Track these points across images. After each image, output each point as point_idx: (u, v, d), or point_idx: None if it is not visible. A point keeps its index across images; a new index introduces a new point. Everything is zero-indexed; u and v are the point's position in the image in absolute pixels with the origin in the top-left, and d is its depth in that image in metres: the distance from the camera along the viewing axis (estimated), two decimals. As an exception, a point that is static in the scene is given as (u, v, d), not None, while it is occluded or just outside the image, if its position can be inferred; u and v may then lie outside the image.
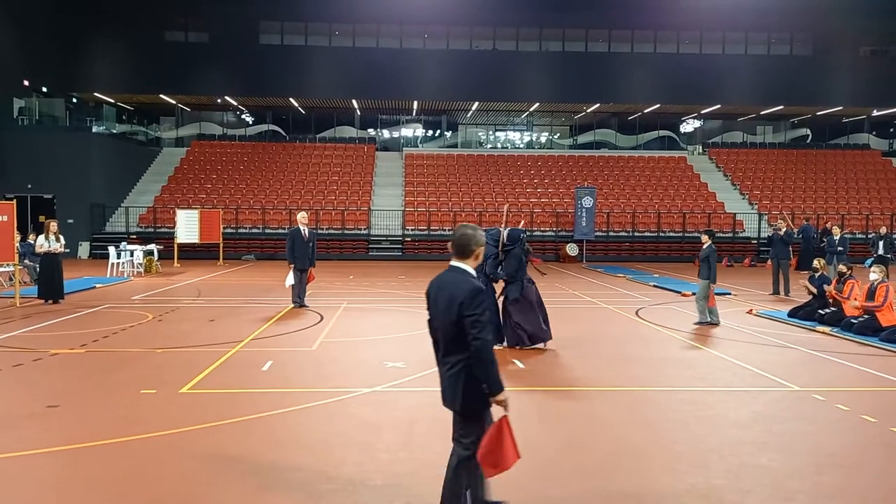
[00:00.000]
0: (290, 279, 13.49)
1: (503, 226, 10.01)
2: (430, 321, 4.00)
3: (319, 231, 29.08)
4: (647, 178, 34.16)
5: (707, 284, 11.83)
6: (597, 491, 4.86)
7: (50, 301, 14.04)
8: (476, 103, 36.24)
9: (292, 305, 13.55)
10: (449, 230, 29.73)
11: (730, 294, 16.83)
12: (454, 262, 3.96)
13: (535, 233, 29.90)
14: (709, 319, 11.93)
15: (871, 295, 11.08)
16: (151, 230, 28.26)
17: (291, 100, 35.67)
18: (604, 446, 5.84)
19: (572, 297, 16.30)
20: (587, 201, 28.77)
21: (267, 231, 28.98)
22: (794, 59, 35.25)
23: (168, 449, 5.61)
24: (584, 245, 28.80)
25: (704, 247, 12.04)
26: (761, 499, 4.75)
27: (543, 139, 42.55)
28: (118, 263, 20.78)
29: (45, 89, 31.57)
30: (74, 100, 33.85)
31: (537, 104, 36.54)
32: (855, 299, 11.35)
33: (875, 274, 11.22)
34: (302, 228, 13.61)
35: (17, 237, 14.90)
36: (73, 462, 5.32)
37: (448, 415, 6.61)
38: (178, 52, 33.32)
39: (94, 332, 10.88)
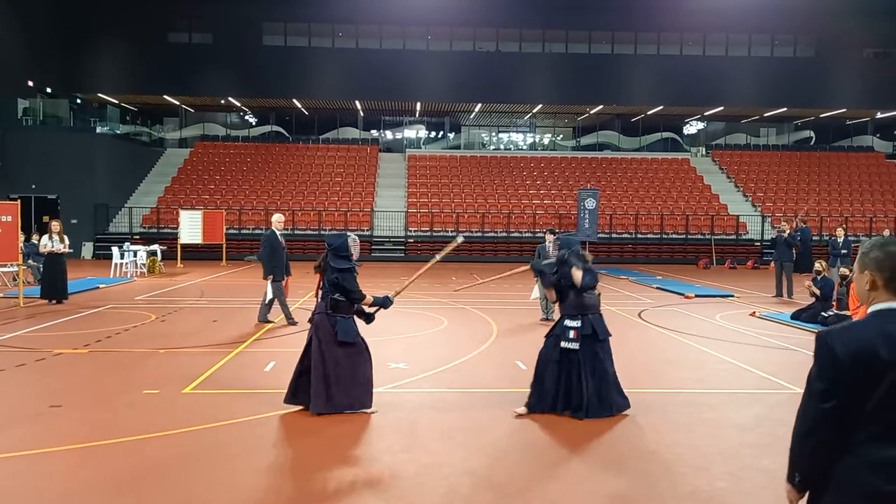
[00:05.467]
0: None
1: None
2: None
3: (322, 233, 29.11)
4: (651, 180, 34.12)
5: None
6: (597, 493, 4.85)
7: (53, 301, 14.07)
8: (479, 105, 36.25)
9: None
10: (451, 231, 29.76)
11: (733, 296, 16.83)
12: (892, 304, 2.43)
13: (538, 234, 29.87)
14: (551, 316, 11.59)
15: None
16: (155, 231, 28.30)
17: (294, 101, 35.72)
18: (604, 448, 5.83)
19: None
20: (590, 203, 28.73)
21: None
22: (797, 61, 35.19)
23: (170, 449, 5.62)
24: (587, 247, 28.77)
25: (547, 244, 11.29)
26: (764, 502, 4.74)
27: (546, 141, 42.56)
28: (121, 264, 20.82)
29: (49, 90, 31.66)
30: (78, 100, 33.90)
31: (540, 106, 36.53)
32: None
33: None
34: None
35: (21, 237, 14.94)
36: (76, 462, 5.32)
37: (448, 415, 6.62)
38: (182, 54, 33.41)
39: (97, 332, 10.90)
